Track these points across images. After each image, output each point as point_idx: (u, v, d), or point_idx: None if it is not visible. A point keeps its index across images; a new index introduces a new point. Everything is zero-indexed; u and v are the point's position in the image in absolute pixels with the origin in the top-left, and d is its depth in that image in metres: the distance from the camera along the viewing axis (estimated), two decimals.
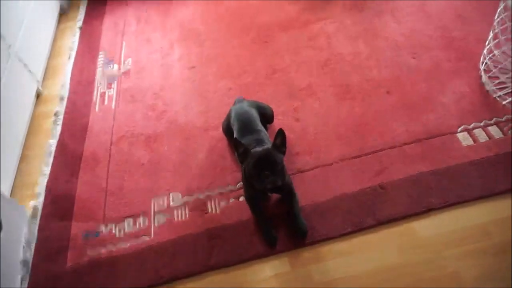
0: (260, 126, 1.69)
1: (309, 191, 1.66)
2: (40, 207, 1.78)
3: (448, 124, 1.80)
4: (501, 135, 1.74)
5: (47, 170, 1.91)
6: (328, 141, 1.82)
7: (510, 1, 1.59)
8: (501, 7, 1.73)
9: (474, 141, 1.74)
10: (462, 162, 1.68)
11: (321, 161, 1.75)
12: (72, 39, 2.56)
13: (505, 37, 1.82)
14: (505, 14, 1.73)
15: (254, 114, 1.72)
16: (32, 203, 1.79)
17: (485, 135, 1.75)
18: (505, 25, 1.77)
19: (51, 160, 1.95)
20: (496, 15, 1.78)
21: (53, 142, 2.01)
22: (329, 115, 1.92)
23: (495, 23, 1.80)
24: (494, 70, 1.91)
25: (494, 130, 1.76)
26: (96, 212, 1.74)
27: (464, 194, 1.58)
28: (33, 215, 1.75)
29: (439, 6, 2.32)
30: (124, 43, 2.49)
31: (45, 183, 1.86)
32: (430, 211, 1.56)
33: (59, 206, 1.78)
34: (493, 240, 1.46)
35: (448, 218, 1.53)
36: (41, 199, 1.81)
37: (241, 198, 1.68)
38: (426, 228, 1.52)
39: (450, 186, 1.60)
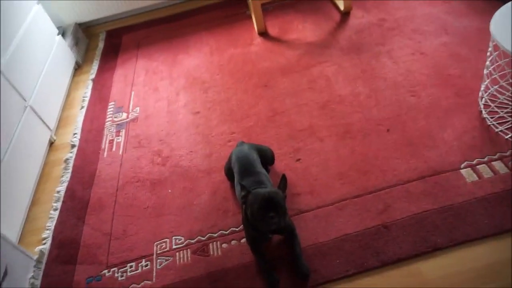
0: (260, 168, 1.72)
1: (310, 232, 1.64)
2: (46, 252, 1.81)
3: (451, 161, 1.79)
4: (507, 170, 1.71)
5: (55, 215, 1.96)
6: (329, 181, 1.83)
7: (498, 43, 1.63)
8: (491, 46, 1.78)
9: (479, 177, 1.71)
10: (467, 199, 1.64)
11: (323, 201, 1.75)
12: (85, 91, 2.72)
13: (499, 74, 1.85)
14: (496, 53, 1.77)
15: (254, 156, 1.76)
16: (38, 248, 1.82)
17: (490, 170, 1.73)
18: (498, 63, 1.80)
19: (59, 205, 2.00)
20: (488, 53, 1.83)
21: (62, 188, 2.08)
22: (330, 155, 1.94)
23: (487, 62, 1.84)
24: (493, 106, 1.92)
25: (499, 166, 1.74)
26: (100, 256, 1.75)
27: (471, 233, 1.53)
28: (39, 260, 1.78)
29: (434, 46, 2.39)
30: (133, 93, 2.62)
31: (52, 228, 1.90)
32: (436, 251, 1.51)
33: (64, 251, 1.80)
34: (504, 282, 1.39)
35: (455, 258, 1.48)
36: (47, 244, 1.84)
37: (243, 240, 1.67)
38: (432, 269, 1.47)
39: (456, 225, 1.56)
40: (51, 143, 2.38)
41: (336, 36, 2.68)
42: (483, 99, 1.97)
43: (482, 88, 1.97)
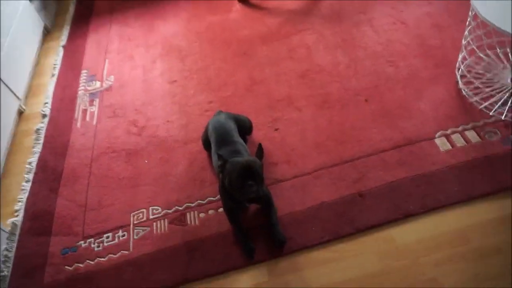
0: (236, 137, 1.70)
1: (287, 201, 1.66)
2: (19, 224, 1.77)
3: (426, 130, 1.82)
4: (479, 140, 1.75)
5: (27, 186, 1.91)
6: (306, 150, 1.83)
7: (477, 11, 1.62)
8: (470, 16, 1.77)
9: (452, 146, 1.75)
10: (440, 167, 1.68)
11: (299, 171, 1.75)
12: (55, 58, 2.59)
13: (477, 44, 1.85)
14: (475, 23, 1.76)
15: (231, 126, 1.73)
16: (11, 220, 1.78)
17: (463, 140, 1.76)
18: (476, 33, 1.80)
19: (31, 177, 1.94)
20: (467, 23, 1.82)
21: (34, 159, 2.02)
22: (308, 125, 1.93)
23: (466, 32, 1.84)
24: (469, 76, 1.94)
25: (471, 135, 1.77)
26: (75, 228, 1.73)
27: (443, 200, 1.58)
28: (12, 232, 1.74)
29: (416, 16, 2.37)
30: (107, 61, 2.52)
31: (24, 200, 1.85)
32: (409, 217, 1.55)
33: (38, 222, 1.77)
34: (472, 245, 1.45)
35: (426, 224, 1.53)
36: (20, 216, 1.80)
37: (220, 210, 1.68)
38: (404, 234, 1.51)
39: (429, 192, 1.60)
40: (20, 113, 2.29)
41: (317, 3, 2.61)
42: (460, 70, 1.98)
43: (459, 59, 1.98)
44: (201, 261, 1.54)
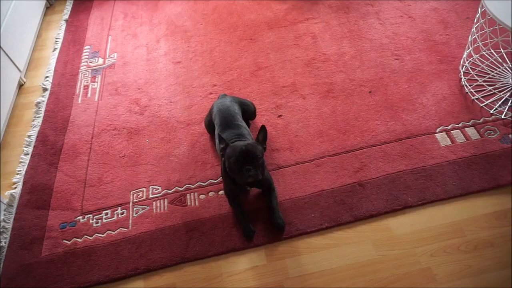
0: (240, 121, 1.70)
1: (288, 187, 1.67)
2: (17, 196, 1.76)
3: (428, 125, 1.84)
4: (478, 137, 1.78)
5: (26, 159, 1.89)
6: (309, 138, 1.84)
7: (487, 8, 1.63)
8: (479, 13, 1.77)
9: (452, 141, 1.77)
10: (439, 162, 1.71)
11: (301, 158, 1.77)
12: (57, 32, 2.55)
13: (483, 42, 1.86)
14: (483, 20, 1.77)
15: (236, 109, 1.73)
16: (9, 192, 1.77)
17: (463, 136, 1.79)
18: (484, 31, 1.81)
19: (30, 150, 1.93)
20: (475, 20, 1.83)
21: (33, 133, 2.00)
22: (312, 113, 1.94)
23: (473, 29, 1.85)
24: (472, 73, 1.95)
25: (471, 132, 1.80)
26: (74, 203, 1.73)
27: (440, 193, 1.61)
28: (10, 204, 1.73)
29: (423, 11, 2.37)
30: (110, 37, 2.49)
31: (23, 173, 1.84)
32: (406, 208, 1.58)
33: (36, 196, 1.76)
34: (466, 238, 1.48)
35: (423, 216, 1.56)
36: (18, 188, 1.79)
37: (221, 192, 1.69)
38: (401, 225, 1.54)
39: (427, 185, 1.63)
40: (20, 85, 2.25)
41: None
42: (464, 67, 2.00)
43: (464, 55, 1.99)
44: (200, 242, 1.56)
